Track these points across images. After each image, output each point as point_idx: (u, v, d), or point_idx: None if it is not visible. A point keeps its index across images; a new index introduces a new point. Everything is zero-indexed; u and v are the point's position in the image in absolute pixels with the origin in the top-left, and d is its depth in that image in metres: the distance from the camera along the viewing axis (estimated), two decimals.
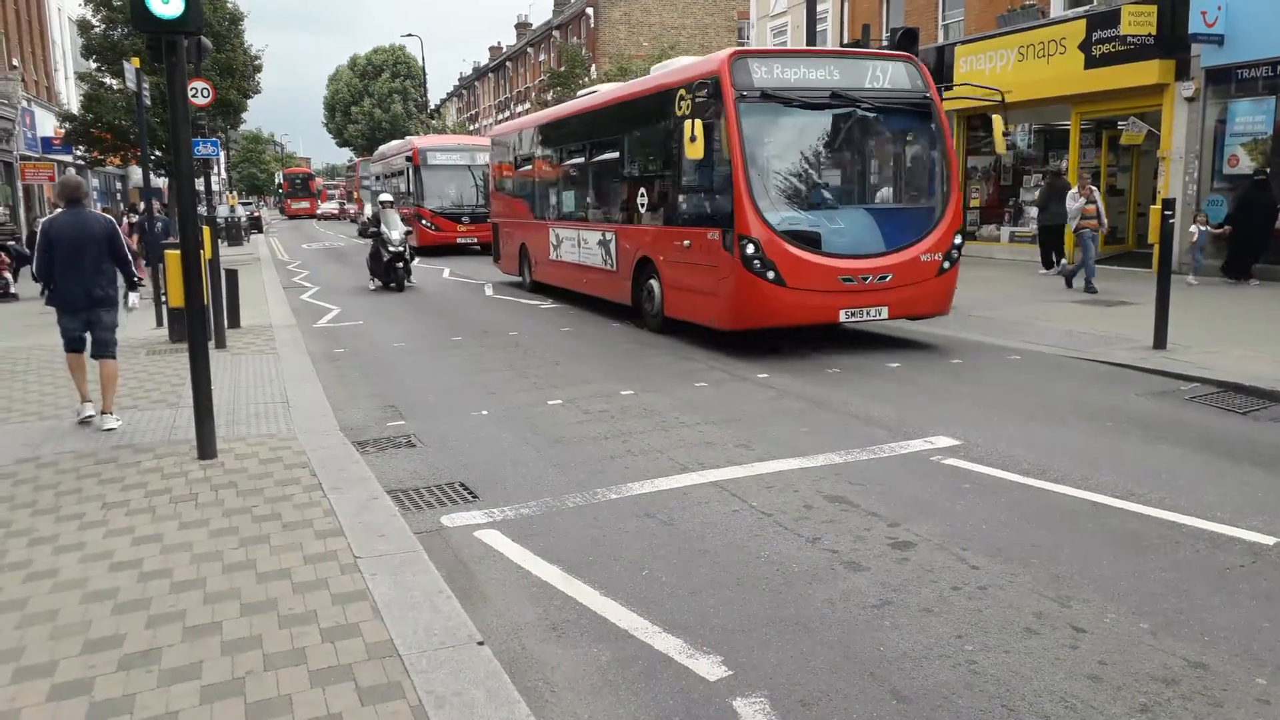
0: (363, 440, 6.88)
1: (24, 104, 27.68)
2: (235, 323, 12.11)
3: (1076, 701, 3.33)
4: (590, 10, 47.70)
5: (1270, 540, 4.75)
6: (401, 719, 3.11)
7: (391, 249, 17.47)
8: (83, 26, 26.62)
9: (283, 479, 5.67)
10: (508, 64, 63.97)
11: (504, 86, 65.39)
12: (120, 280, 7.38)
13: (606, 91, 14.51)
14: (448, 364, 10.17)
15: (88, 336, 7.31)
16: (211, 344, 9.75)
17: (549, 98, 34.60)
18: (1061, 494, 5.52)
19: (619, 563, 4.64)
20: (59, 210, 7.47)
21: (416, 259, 19.57)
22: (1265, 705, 3.30)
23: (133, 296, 8.44)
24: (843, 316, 9.85)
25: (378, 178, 35.68)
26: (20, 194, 27.46)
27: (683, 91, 10.48)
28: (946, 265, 10.37)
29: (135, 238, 17.40)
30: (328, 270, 24.08)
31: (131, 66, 13.65)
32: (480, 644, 3.60)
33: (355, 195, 64.25)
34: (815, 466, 6.12)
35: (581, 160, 14.41)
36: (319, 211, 70.36)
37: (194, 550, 4.56)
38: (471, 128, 72.02)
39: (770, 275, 9.48)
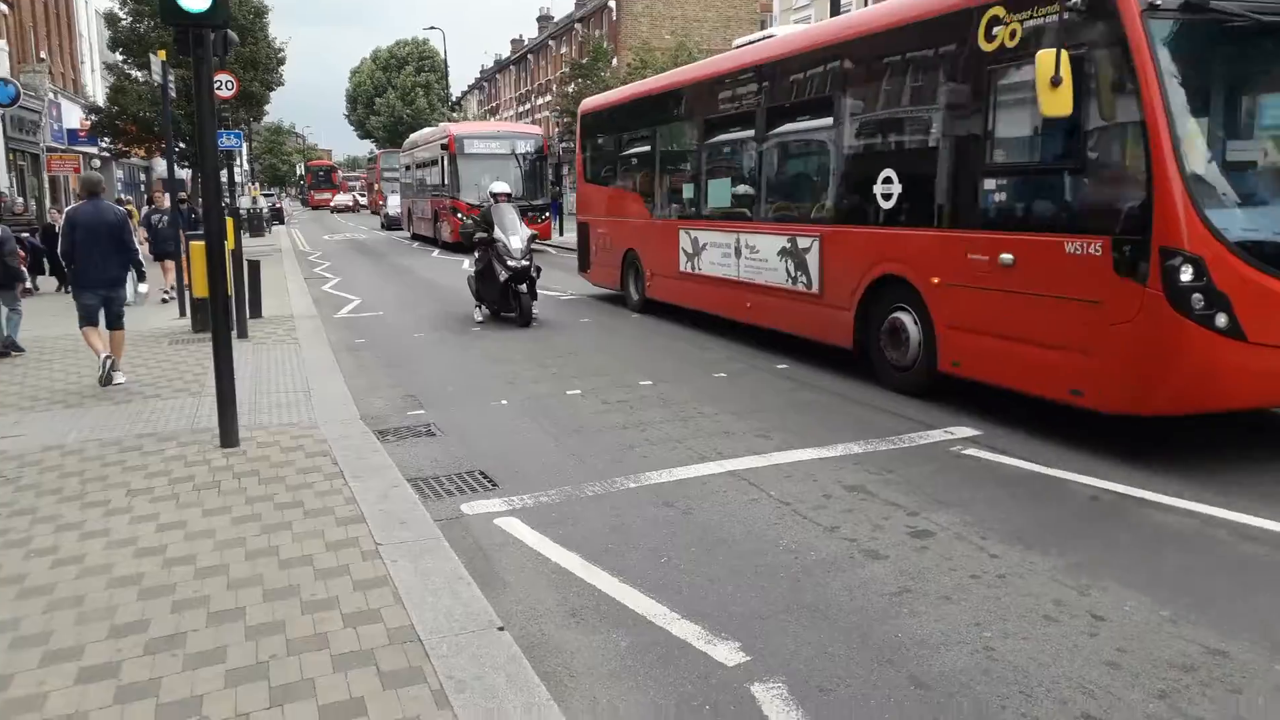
0: (383, 429, 6.94)
1: (51, 96, 27.99)
2: (257, 313, 12.22)
3: (1095, 688, 3.32)
4: (612, 3, 47.58)
5: None
6: (423, 703, 3.14)
7: (511, 264, 12.04)
8: (110, 19, 26.91)
9: (304, 467, 5.73)
10: (529, 56, 63.97)
11: (525, 79, 65.40)
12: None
13: (812, 31, 10.00)
14: (467, 354, 10.22)
15: (102, 312, 8.48)
16: (234, 334, 9.85)
17: (570, 90, 34.28)
18: (1082, 484, 5.49)
19: (637, 550, 4.66)
20: (82, 201, 8.59)
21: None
22: None
23: (142, 286, 9.42)
24: None
25: (407, 168, 34.09)
26: (46, 185, 27.78)
27: (1000, 11, 6.63)
28: None
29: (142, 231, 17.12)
30: (349, 261, 24.25)
31: (158, 59, 13.78)
32: (500, 629, 3.63)
33: (376, 187, 64.43)
34: (834, 456, 6.12)
35: (749, 134, 10.22)
36: (333, 204, 68.66)
37: (217, 537, 4.62)
38: (493, 119, 72.12)
39: (1221, 321, 5.53)
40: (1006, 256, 6.57)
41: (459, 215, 24.00)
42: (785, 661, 3.56)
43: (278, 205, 51.39)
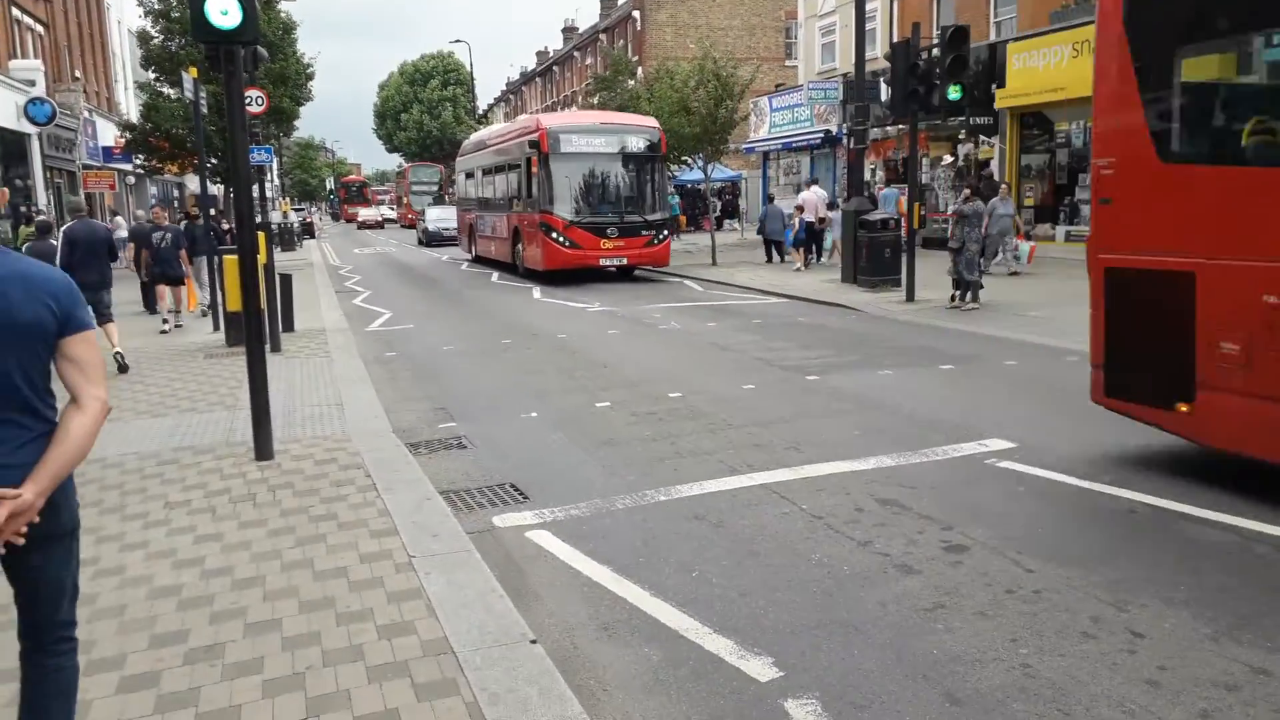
0: (415, 442, 6.99)
1: (86, 114, 28.53)
2: (290, 327, 12.35)
3: (1135, 706, 3.28)
4: (636, 13, 47.81)
5: None
6: (457, 715, 3.16)
7: None
8: (142, 38, 27.38)
9: (338, 480, 5.78)
10: (554, 68, 64.40)
11: (551, 91, 65.83)
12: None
13: None
14: (496, 367, 10.28)
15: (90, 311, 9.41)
16: (267, 348, 9.97)
17: (595, 102, 34.01)
18: (1120, 497, 5.43)
19: (669, 564, 4.66)
20: (75, 221, 10.63)
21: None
22: None
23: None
24: None
25: (468, 175, 27.94)
26: (82, 200, 28.26)
27: None
28: None
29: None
30: (379, 275, 24.45)
31: (189, 76, 14.00)
32: (533, 642, 3.64)
33: (405, 200, 65.00)
34: (867, 469, 6.08)
35: None
36: (359, 219, 67.40)
37: (253, 549, 4.68)
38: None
39: None
40: None
41: (553, 235, 18.96)
42: (819, 677, 3.55)
43: (308, 219, 51.89)
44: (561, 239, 19.02)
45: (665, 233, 20.35)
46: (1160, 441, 6.25)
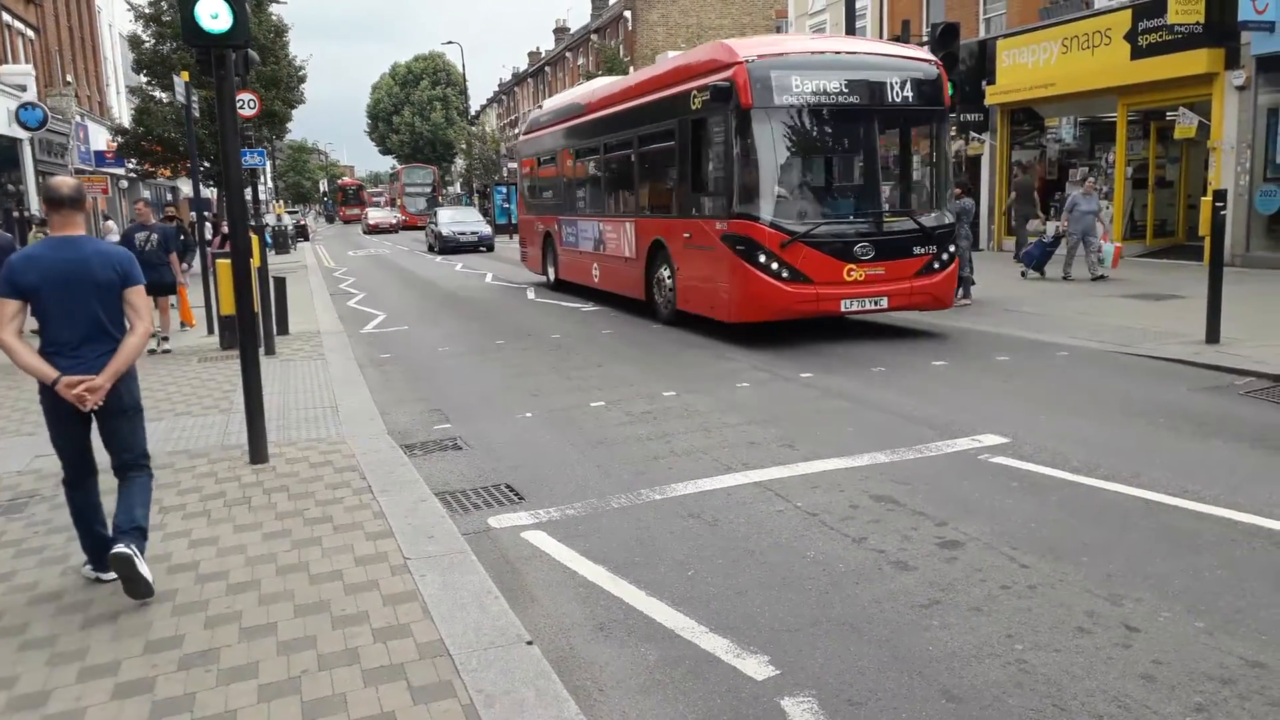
0: (410, 443, 6.98)
1: (78, 119, 28.44)
2: (284, 329, 12.33)
3: (1130, 701, 3.29)
4: (628, 13, 47.81)
5: None
6: (453, 717, 3.16)
7: None
8: (133, 42, 27.32)
9: (333, 482, 5.78)
10: (547, 69, 64.36)
11: (543, 91, 65.77)
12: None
13: None
14: (491, 367, 10.27)
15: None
16: (261, 350, 9.96)
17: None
18: (1113, 491, 5.44)
19: (664, 563, 4.66)
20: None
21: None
22: None
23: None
24: None
25: (542, 162, 18.75)
26: None
27: None
28: None
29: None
30: (373, 277, 24.42)
31: (181, 80, 13.99)
32: (529, 643, 3.64)
33: (399, 203, 64.89)
34: (861, 466, 6.09)
35: None
36: (370, 221, 59.81)
37: (248, 553, 4.67)
38: (512, 132, 72.67)
39: None
40: None
41: (759, 260, 10.40)
42: (815, 675, 3.55)
43: (302, 222, 51.78)
44: (776, 265, 10.39)
45: (951, 250, 11.28)
46: (1154, 438, 6.27)
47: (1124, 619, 3.90)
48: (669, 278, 12.54)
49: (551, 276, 18.33)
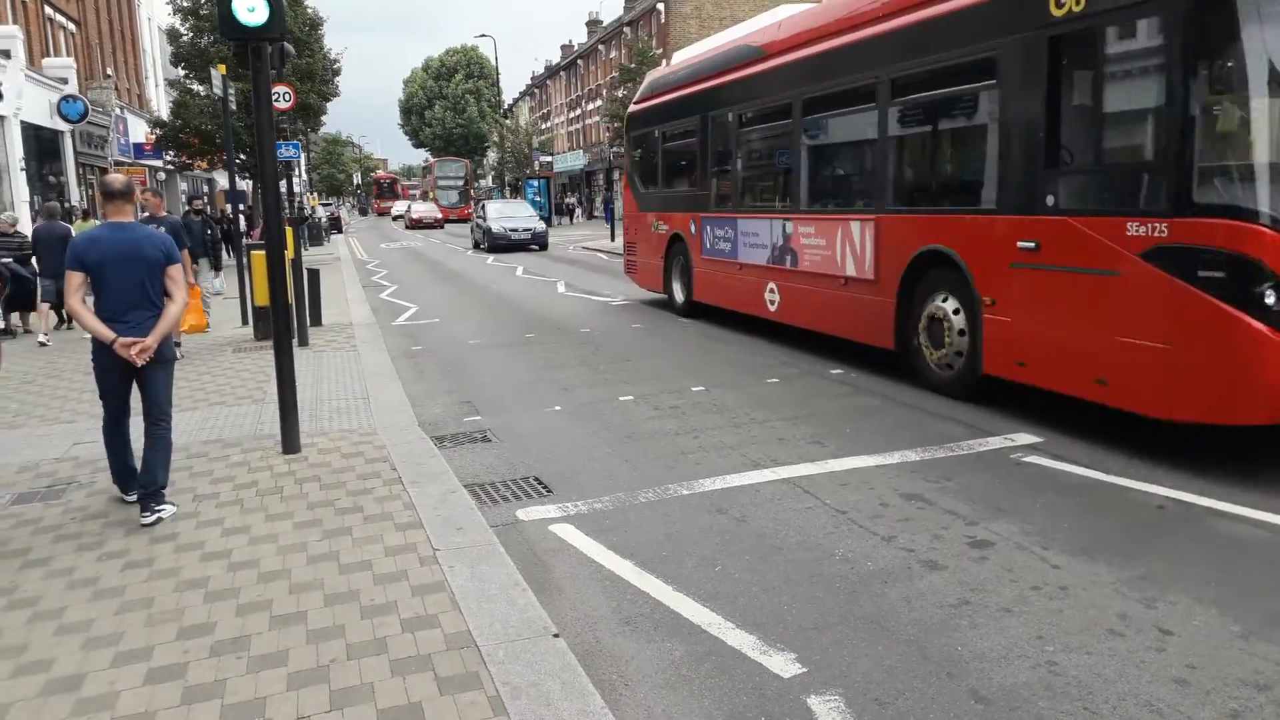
0: (440, 435, 7.02)
1: (118, 111, 28.89)
2: (317, 321, 12.45)
3: (1163, 705, 3.24)
4: (661, 5, 47.70)
5: None
6: (479, 709, 3.17)
7: None
8: (172, 35, 27.71)
9: (364, 473, 5.83)
10: (579, 62, 64.38)
11: (575, 84, 65.84)
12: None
13: None
14: (521, 360, 10.31)
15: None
16: (295, 341, 10.07)
17: (620, 94, 33.16)
18: (1148, 493, 5.35)
19: (691, 558, 4.66)
20: (41, 222, 12.93)
21: None
22: None
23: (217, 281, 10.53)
24: None
25: (672, 137, 13.52)
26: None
27: None
28: None
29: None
30: (406, 270, 24.60)
31: (218, 73, 14.14)
32: (555, 636, 3.65)
33: (431, 195, 65.25)
34: (891, 464, 6.04)
35: None
36: (413, 216, 55.82)
37: (279, 542, 4.72)
38: (544, 126, 72.79)
39: None
40: None
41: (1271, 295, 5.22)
42: (842, 674, 3.53)
43: (335, 214, 52.19)
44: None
45: None
46: (1190, 435, 6.16)
47: (1157, 622, 3.83)
48: (959, 319, 7.56)
49: (680, 297, 13.35)
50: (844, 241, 9.05)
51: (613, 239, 30.36)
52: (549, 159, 63.95)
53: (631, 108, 14.90)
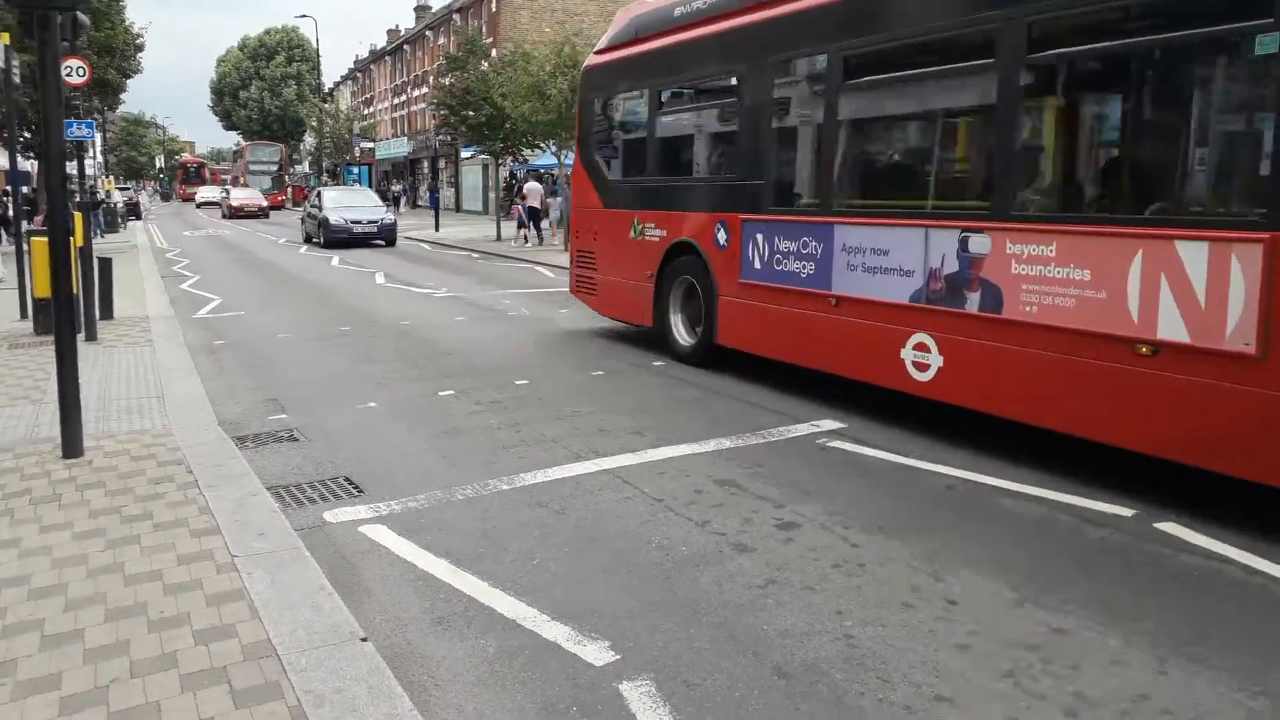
0: (242, 435, 6.64)
1: None
2: (108, 313, 11.52)
3: (947, 670, 3.47)
4: None
5: (1129, 513, 5.03)
6: (279, 719, 3.02)
7: None
8: None
9: (155, 477, 5.43)
10: (405, 47, 62.54)
11: (401, 70, 63.91)
12: None
13: None
14: (333, 355, 9.91)
15: None
16: (81, 336, 9.28)
17: (446, 82, 32.37)
18: (940, 473, 5.74)
19: (509, 554, 4.61)
20: None
21: None
22: (1118, 665, 3.50)
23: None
24: None
25: (659, 102, 9.48)
26: None
27: None
28: None
29: None
30: (210, 259, 23.16)
31: (0, 43, 12.83)
32: (363, 640, 3.52)
33: (242, 181, 61.81)
34: (707, 452, 6.20)
35: None
36: (233, 203, 49.61)
37: (54, 554, 4.32)
38: (366, 111, 70.29)
39: None
40: None
41: None
42: (654, 658, 3.58)
43: (134, 199, 48.52)
44: None
45: None
46: (977, 421, 6.62)
47: (944, 593, 4.11)
48: None
49: (685, 338, 9.21)
50: (1154, 276, 4.99)
51: (437, 228, 29.67)
52: (370, 145, 61.87)
53: (594, 59, 10.88)
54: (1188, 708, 3.23)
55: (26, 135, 22.87)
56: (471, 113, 27.53)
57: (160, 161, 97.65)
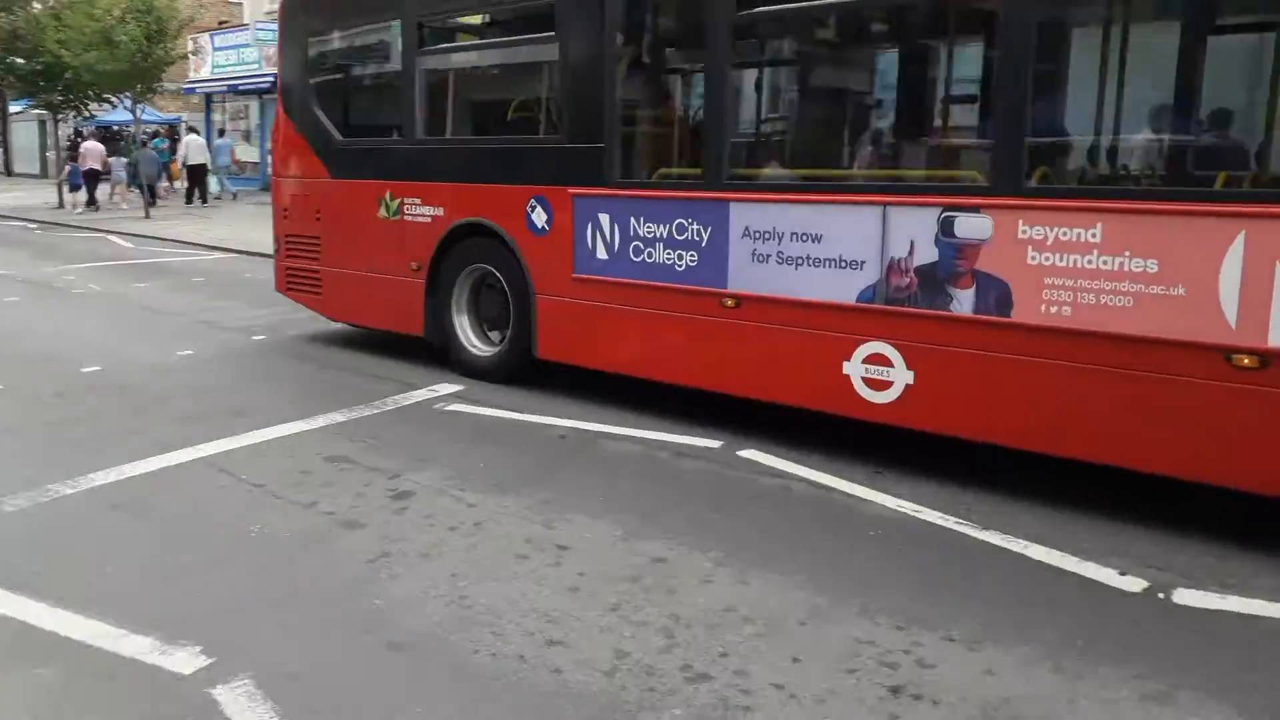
0: None
1: None
2: None
3: (558, 614, 3.57)
4: None
5: (717, 444, 5.54)
6: None
7: None
8: None
9: None
10: None
11: None
12: None
13: None
14: None
15: None
16: None
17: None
18: (551, 425, 5.93)
19: (75, 566, 4.00)
20: None
21: None
22: (708, 584, 3.84)
23: None
24: None
25: (414, 35, 6.94)
26: None
27: None
28: None
29: None
30: None
31: None
32: None
33: None
34: (316, 428, 5.85)
35: None
36: None
37: None
38: None
39: None
40: None
41: None
42: (252, 655, 3.30)
43: None
44: None
45: None
46: (580, 374, 6.89)
47: (555, 540, 4.23)
48: None
49: (481, 350, 7.08)
50: (1262, 267, 3.81)
51: None
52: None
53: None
54: (762, 612, 3.62)
55: None
56: (21, 60, 23.52)
57: None
